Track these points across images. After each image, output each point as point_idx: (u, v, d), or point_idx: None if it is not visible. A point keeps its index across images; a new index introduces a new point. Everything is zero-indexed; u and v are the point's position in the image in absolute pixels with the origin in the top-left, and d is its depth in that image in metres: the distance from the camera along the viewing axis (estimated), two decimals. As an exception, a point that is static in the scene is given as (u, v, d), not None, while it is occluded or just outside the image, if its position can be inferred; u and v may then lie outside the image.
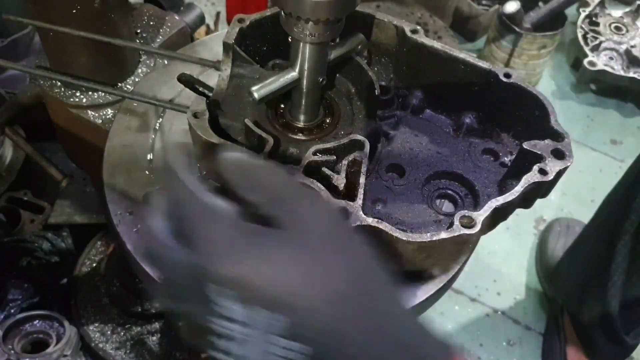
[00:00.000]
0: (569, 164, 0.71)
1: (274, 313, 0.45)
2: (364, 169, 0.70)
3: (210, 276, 0.47)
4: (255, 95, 0.71)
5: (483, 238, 0.68)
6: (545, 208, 2.16)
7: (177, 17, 1.10)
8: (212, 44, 0.99)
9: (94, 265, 1.55)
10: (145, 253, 0.63)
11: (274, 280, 0.46)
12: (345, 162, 0.71)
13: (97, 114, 0.96)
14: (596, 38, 2.60)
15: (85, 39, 0.86)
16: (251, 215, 0.51)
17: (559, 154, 0.71)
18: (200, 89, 0.88)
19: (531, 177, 0.69)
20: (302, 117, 0.78)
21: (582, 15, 2.67)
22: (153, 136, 0.86)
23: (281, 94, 0.75)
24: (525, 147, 0.72)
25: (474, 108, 0.83)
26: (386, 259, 0.69)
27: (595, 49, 2.58)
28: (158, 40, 1.05)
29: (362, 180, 0.69)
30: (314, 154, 0.70)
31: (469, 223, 0.65)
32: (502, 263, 2.03)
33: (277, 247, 0.48)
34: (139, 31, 1.05)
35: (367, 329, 0.47)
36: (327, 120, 0.80)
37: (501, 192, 0.67)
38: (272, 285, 0.46)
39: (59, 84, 0.98)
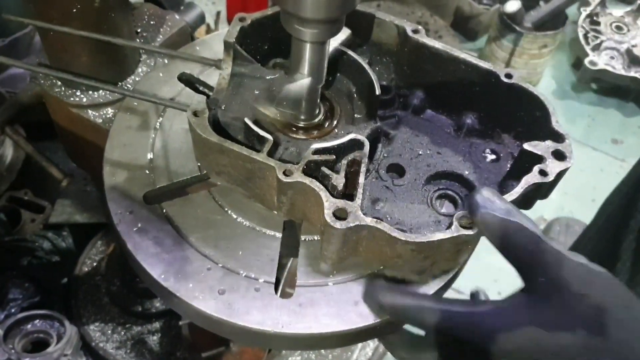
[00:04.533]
0: (569, 165, 0.71)
1: None
2: (363, 168, 0.70)
3: None
4: None
5: (483, 238, 0.68)
6: (546, 207, 2.16)
7: (177, 17, 1.09)
8: (213, 43, 0.99)
9: (95, 264, 1.55)
10: None
11: None
12: (345, 161, 0.71)
13: (97, 113, 0.96)
14: (597, 37, 2.60)
15: (86, 39, 0.86)
16: None
17: (559, 155, 0.71)
18: (201, 88, 0.88)
19: (531, 178, 0.69)
20: (302, 116, 0.78)
21: (583, 14, 2.67)
22: (153, 135, 0.86)
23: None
24: (525, 148, 0.72)
25: (475, 108, 0.82)
26: (386, 259, 0.69)
27: (596, 48, 2.58)
28: (158, 39, 1.05)
29: (361, 180, 0.69)
30: (314, 153, 0.70)
31: (468, 223, 0.65)
32: (503, 263, 2.02)
33: None
34: (139, 30, 1.05)
35: None
36: (327, 120, 0.80)
37: (501, 192, 0.67)
38: None
39: (59, 83, 0.98)
